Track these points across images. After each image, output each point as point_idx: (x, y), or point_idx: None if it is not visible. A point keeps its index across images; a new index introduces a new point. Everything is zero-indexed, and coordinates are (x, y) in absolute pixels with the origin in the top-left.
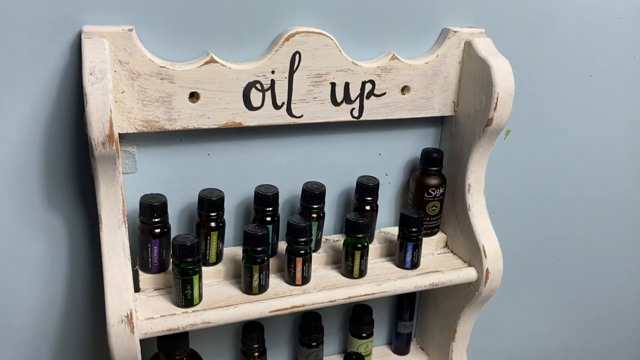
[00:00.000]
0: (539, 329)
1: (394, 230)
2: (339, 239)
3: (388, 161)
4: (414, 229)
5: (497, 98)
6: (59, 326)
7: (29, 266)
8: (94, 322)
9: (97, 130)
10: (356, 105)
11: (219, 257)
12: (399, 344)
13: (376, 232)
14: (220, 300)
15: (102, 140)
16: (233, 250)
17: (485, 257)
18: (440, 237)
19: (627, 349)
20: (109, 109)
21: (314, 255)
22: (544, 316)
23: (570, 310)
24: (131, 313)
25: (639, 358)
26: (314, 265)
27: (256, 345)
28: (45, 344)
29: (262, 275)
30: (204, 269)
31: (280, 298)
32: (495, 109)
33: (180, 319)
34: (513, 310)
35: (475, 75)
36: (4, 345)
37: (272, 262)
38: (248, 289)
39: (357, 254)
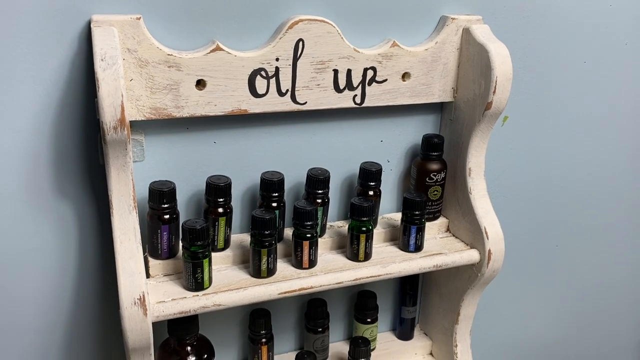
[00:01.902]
0: (539, 312)
1: (397, 216)
2: (343, 225)
3: (390, 148)
4: (417, 212)
5: (496, 81)
6: (69, 313)
7: (40, 254)
8: (104, 308)
9: (109, 115)
10: (358, 91)
11: (226, 243)
12: (403, 329)
13: (379, 218)
14: (230, 284)
15: (113, 124)
16: (240, 237)
17: (487, 238)
18: (442, 221)
19: (626, 332)
20: (121, 93)
21: (319, 240)
22: (544, 300)
23: (570, 294)
24: (144, 296)
25: (638, 340)
26: (319, 251)
27: (263, 332)
28: (56, 331)
29: (270, 259)
30: (212, 254)
31: (288, 281)
32: (494, 92)
33: (191, 302)
34: (513, 295)
35: (473, 60)
36: (16, 333)
37: (279, 247)
38: (257, 273)
39: (362, 237)
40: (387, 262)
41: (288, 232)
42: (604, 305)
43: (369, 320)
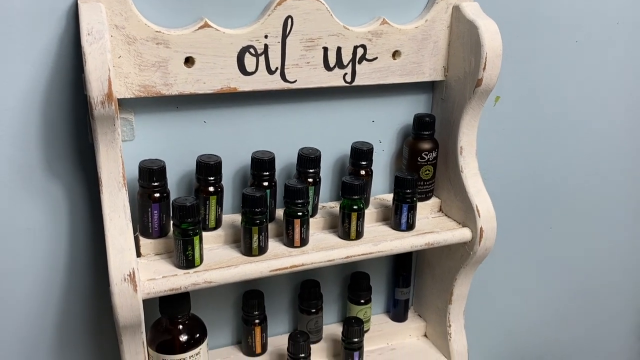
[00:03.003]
0: (534, 295)
1: (389, 197)
2: (335, 206)
3: (381, 128)
4: (408, 191)
5: (486, 58)
6: (61, 293)
7: (30, 234)
8: (96, 288)
9: (96, 89)
10: (348, 70)
11: (218, 223)
12: (397, 311)
13: (371, 198)
14: (221, 262)
15: (101, 99)
16: (232, 217)
17: (479, 216)
18: (434, 201)
19: (621, 314)
20: (108, 68)
21: (311, 220)
22: (539, 282)
23: (565, 275)
24: (133, 272)
25: (632, 323)
26: (311, 230)
27: (257, 312)
28: (48, 311)
29: (261, 237)
30: (204, 234)
31: (279, 258)
32: (484, 69)
33: (182, 279)
34: (507, 277)
35: (463, 37)
36: (8, 314)
37: (271, 227)
38: (248, 251)
39: (354, 216)
40: (378, 240)
41: (280, 213)
42: (600, 287)
43: (362, 301)
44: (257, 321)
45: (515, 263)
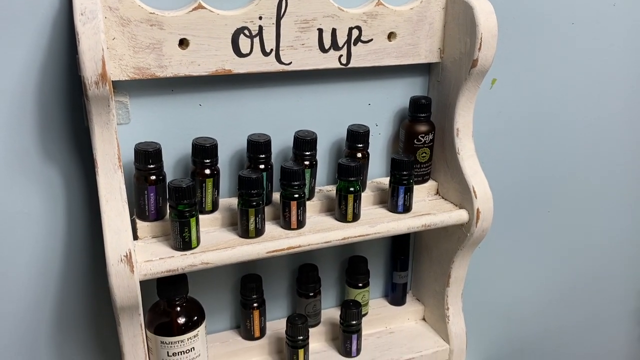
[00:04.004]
0: (532, 279)
1: (386, 180)
2: (331, 189)
3: (377, 111)
4: (405, 172)
5: (481, 38)
6: (59, 277)
7: (27, 218)
8: (94, 271)
9: (90, 69)
10: (344, 51)
11: (214, 206)
12: (395, 295)
13: (368, 182)
14: (218, 244)
15: (95, 79)
16: (229, 201)
17: (476, 197)
18: (431, 184)
19: (620, 298)
20: (101, 47)
21: (308, 203)
22: (537, 266)
23: (562, 259)
24: (130, 253)
25: (631, 308)
26: (308, 213)
27: (255, 296)
28: (48, 294)
29: (257, 219)
30: (200, 216)
31: (276, 240)
32: (479, 49)
33: (179, 261)
34: (505, 261)
35: (459, 18)
36: (5, 299)
37: (267, 210)
38: (245, 233)
39: (350, 198)
40: (375, 222)
41: (277, 196)
42: (599, 271)
43: (360, 285)
44: (255, 305)
45: (514, 247)
